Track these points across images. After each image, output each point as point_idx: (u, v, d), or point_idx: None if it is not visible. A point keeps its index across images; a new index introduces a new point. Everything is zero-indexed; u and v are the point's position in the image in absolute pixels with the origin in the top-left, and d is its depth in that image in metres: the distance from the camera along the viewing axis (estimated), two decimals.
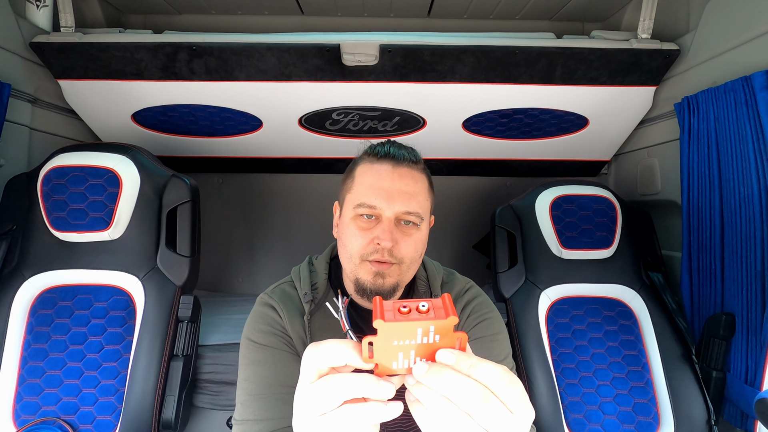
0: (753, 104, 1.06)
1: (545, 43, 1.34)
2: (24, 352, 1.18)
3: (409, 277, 0.78)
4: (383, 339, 0.39)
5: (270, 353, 0.78)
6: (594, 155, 1.84)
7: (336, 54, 1.31)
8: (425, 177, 0.78)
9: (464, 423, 0.37)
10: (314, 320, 0.80)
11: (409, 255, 0.74)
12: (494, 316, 0.85)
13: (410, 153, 0.78)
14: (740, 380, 1.11)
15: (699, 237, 1.26)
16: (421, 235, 0.75)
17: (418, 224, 0.74)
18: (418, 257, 0.76)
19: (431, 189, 0.79)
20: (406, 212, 0.73)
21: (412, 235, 0.74)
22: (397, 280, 0.75)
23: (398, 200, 0.72)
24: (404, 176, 0.74)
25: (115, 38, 1.34)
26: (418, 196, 0.74)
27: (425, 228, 0.76)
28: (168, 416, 1.16)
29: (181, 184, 1.33)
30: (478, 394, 0.37)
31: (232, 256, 2.06)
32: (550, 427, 1.18)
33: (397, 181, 0.73)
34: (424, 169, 0.79)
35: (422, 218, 0.74)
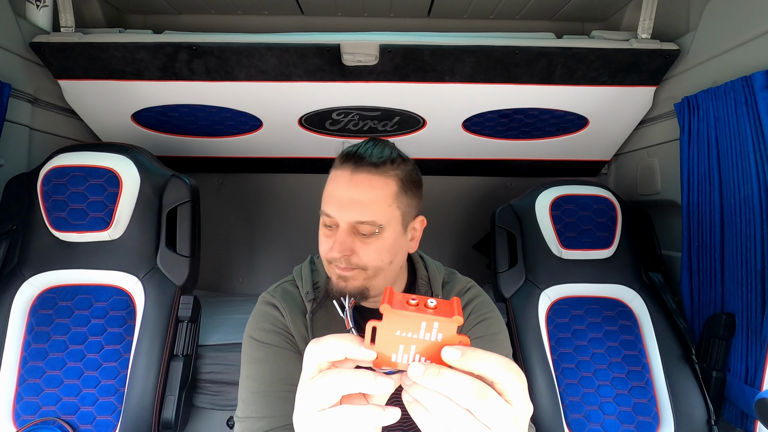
0: (753, 104, 1.06)
1: (545, 43, 1.34)
2: (24, 352, 1.18)
3: (384, 281, 0.77)
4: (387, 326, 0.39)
5: (272, 351, 0.78)
6: (594, 155, 1.84)
7: (336, 54, 1.31)
8: (391, 181, 0.73)
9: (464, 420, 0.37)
10: (316, 319, 0.80)
11: (371, 262, 0.72)
12: (495, 315, 0.85)
13: (376, 156, 0.73)
14: (740, 380, 1.11)
15: (699, 237, 1.26)
16: (383, 242, 0.72)
17: (376, 232, 0.72)
18: (385, 263, 0.74)
19: (404, 192, 0.74)
20: (359, 222, 0.71)
21: (371, 243, 0.72)
22: (363, 284, 0.74)
23: (350, 210, 0.71)
24: (360, 183, 0.71)
25: (115, 38, 1.34)
26: (375, 204, 0.71)
27: (391, 234, 0.73)
28: (168, 416, 1.16)
29: (181, 184, 1.33)
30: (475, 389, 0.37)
31: (232, 256, 2.06)
32: (550, 427, 1.18)
33: (352, 189, 0.71)
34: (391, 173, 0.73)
35: (380, 226, 0.71)
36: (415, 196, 0.77)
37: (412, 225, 0.78)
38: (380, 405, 0.40)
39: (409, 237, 0.78)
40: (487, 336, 0.82)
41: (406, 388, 0.40)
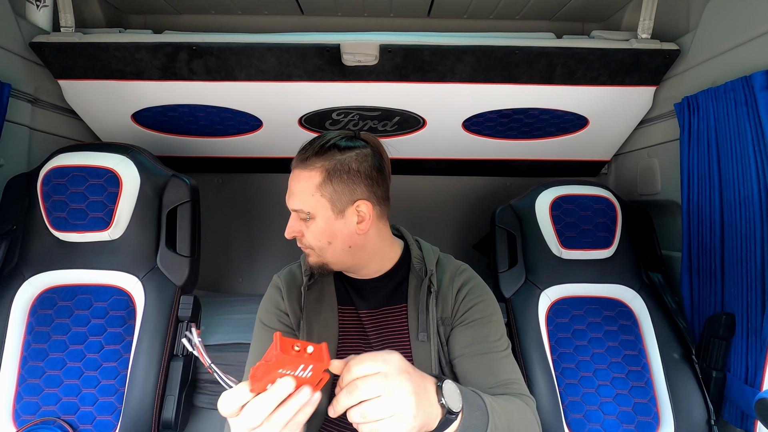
0: (753, 104, 1.06)
1: (545, 43, 1.34)
2: (24, 352, 1.18)
3: (338, 259, 0.86)
4: (274, 365, 0.51)
5: (269, 333, 0.90)
6: (594, 155, 1.85)
7: (336, 54, 1.31)
8: (315, 173, 0.82)
9: (367, 406, 0.53)
10: (310, 293, 0.91)
11: (312, 243, 0.85)
12: (489, 298, 0.90)
13: (306, 152, 0.83)
14: (740, 380, 1.11)
15: (699, 237, 1.26)
16: (316, 226, 0.83)
17: (309, 217, 0.83)
18: (324, 244, 0.84)
19: (330, 180, 0.81)
20: (293, 210, 0.85)
21: (309, 227, 0.84)
22: (318, 260, 0.87)
23: (289, 200, 0.85)
24: (293, 178, 0.85)
25: (115, 38, 1.34)
26: (300, 195, 0.83)
27: (322, 219, 0.83)
28: (168, 416, 1.16)
29: (181, 184, 1.33)
30: (359, 413, 0.53)
31: (232, 256, 2.06)
32: (550, 427, 1.18)
33: (291, 183, 0.85)
34: (317, 165, 0.82)
35: (308, 213, 0.82)
36: (348, 182, 0.82)
37: (354, 208, 0.83)
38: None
39: (355, 220, 0.84)
40: (484, 318, 0.87)
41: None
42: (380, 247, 0.90)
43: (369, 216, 0.84)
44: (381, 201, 0.87)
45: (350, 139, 0.86)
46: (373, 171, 0.84)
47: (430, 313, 0.87)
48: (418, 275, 0.91)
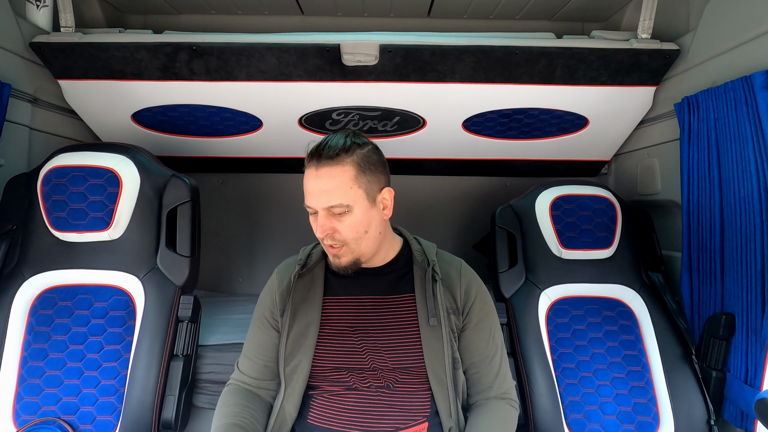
0: (753, 104, 1.06)
1: (545, 43, 1.34)
2: (24, 352, 1.18)
3: (369, 248, 0.93)
4: None
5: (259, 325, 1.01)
6: (594, 155, 1.85)
7: (336, 54, 1.31)
8: (348, 167, 0.87)
9: None
10: (300, 282, 0.98)
11: (349, 235, 0.89)
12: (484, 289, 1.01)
13: (332, 150, 0.87)
14: (740, 380, 1.11)
15: (699, 237, 1.26)
16: (354, 218, 0.88)
17: (346, 210, 0.87)
18: (361, 234, 0.90)
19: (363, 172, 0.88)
20: (330, 206, 0.87)
21: (345, 220, 0.88)
22: (352, 258, 0.92)
23: (321, 198, 0.87)
24: (323, 176, 0.86)
25: (115, 38, 1.34)
26: (338, 190, 0.86)
27: (360, 209, 0.88)
28: (168, 416, 1.16)
29: (181, 184, 1.33)
30: None
31: (232, 256, 2.06)
32: (550, 427, 1.18)
33: (319, 181, 0.87)
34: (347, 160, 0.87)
35: (348, 205, 0.87)
36: (375, 172, 0.90)
37: (381, 196, 0.92)
38: None
39: (381, 207, 0.93)
40: (486, 309, 0.99)
41: None
42: (389, 233, 1.00)
43: (391, 201, 0.94)
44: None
45: (358, 136, 0.92)
46: (385, 161, 0.94)
47: (438, 299, 0.94)
48: (421, 266, 0.98)
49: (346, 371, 0.92)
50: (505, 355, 1.00)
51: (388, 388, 0.91)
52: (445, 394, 0.91)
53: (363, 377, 0.92)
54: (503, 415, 0.93)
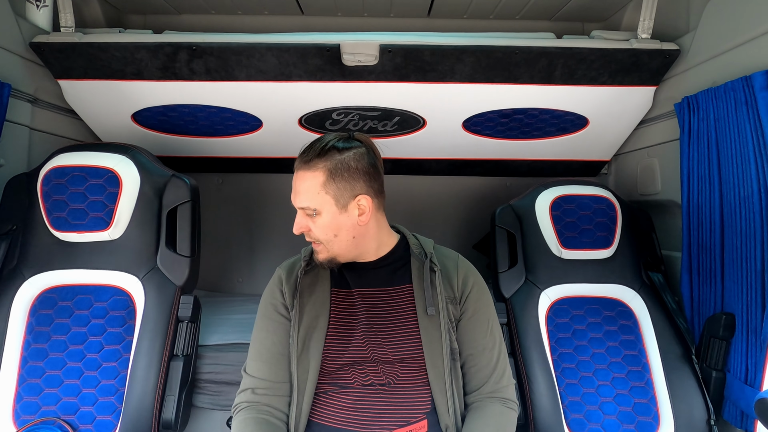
0: (753, 104, 1.06)
1: (545, 43, 1.34)
2: (24, 352, 1.18)
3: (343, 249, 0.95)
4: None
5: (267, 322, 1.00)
6: (594, 155, 1.85)
7: (336, 54, 1.31)
8: (318, 173, 0.90)
9: None
10: (306, 278, 1.01)
11: (320, 236, 0.94)
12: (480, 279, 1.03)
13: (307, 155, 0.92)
14: (740, 380, 1.11)
15: (699, 237, 1.26)
16: (322, 221, 0.92)
17: (315, 213, 0.92)
18: (330, 237, 0.93)
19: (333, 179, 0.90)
20: (301, 207, 0.94)
21: (316, 222, 0.93)
22: (327, 255, 0.95)
23: (295, 199, 0.94)
24: (297, 179, 0.93)
25: (115, 38, 1.34)
26: (306, 193, 0.91)
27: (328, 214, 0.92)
28: (168, 416, 1.16)
29: (181, 184, 1.33)
30: None
31: (232, 256, 2.06)
32: (550, 427, 1.18)
33: (296, 183, 0.93)
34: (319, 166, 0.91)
35: (314, 209, 0.92)
36: (349, 180, 0.91)
37: (355, 202, 0.93)
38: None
39: (357, 213, 0.93)
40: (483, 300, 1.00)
41: None
42: (379, 234, 1.00)
43: (369, 208, 0.94)
44: (378, 194, 0.96)
45: (347, 140, 0.94)
46: (369, 167, 0.93)
47: (436, 289, 0.96)
48: (419, 258, 1.01)
49: (348, 367, 0.93)
50: (504, 353, 0.99)
51: (389, 385, 0.92)
52: (442, 387, 0.92)
53: (364, 373, 0.93)
54: (500, 419, 0.92)
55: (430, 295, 0.95)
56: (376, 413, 0.90)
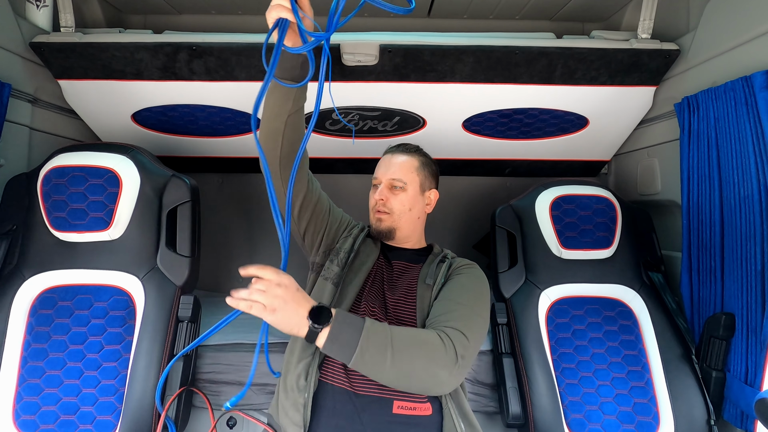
0: (753, 104, 1.06)
1: (545, 43, 1.34)
2: (24, 352, 1.18)
3: (405, 226, 1.15)
4: None
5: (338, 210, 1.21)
6: (594, 155, 1.85)
7: (336, 54, 1.31)
8: (414, 159, 1.16)
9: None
10: (364, 241, 1.17)
11: (396, 207, 1.13)
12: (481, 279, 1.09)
13: (408, 146, 1.19)
14: (740, 380, 1.11)
15: (699, 237, 1.26)
16: (406, 195, 1.14)
17: (402, 187, 1.13)
18: (406, 210, 1.14)
19: (423, 168, 1.17)
20: (392, 179, 1.14)
21: (398, 195, 1.14)
22: (390, 225, 1.14)
23: (387, 173, 1.14)
24: (395, 158, 1.16)
25: (115, 38, 1.34)
26: (403, 169, 1.14)
27: (411, 191, 1.14)
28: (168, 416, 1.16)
29: (181, 184, 1.33)
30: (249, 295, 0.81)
31: (232, 256, 2.06)
32: (550, 427, 1.18)
33: (391, 162, 1.16)
34: (415, 156, 1.17)
35: (404, 183, 1.13)
36: (430, 175, 1.19)
37: (428, 194, 1.19)
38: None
39: (425, 202, 1.18)
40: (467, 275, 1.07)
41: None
42: (423, 230, 1.23)
43: (434, 202, 1.21)
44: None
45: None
46: (438, 174, 1.24)
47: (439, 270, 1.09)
48: (435, 255, 1.16)
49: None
50: (469, 314, 0.96)
51: None
52: None
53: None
54: (421, 332, 0.90)
55: (433, 272, 1.08)
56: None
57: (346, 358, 0.82)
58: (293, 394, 0.94)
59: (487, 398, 1.32)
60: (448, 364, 0.85)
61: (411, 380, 0.86)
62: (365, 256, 1.13)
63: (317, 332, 0.82)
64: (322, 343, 0.82)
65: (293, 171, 0.89)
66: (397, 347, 0.83)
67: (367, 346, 0.82)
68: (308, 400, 0.92)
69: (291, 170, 0.94)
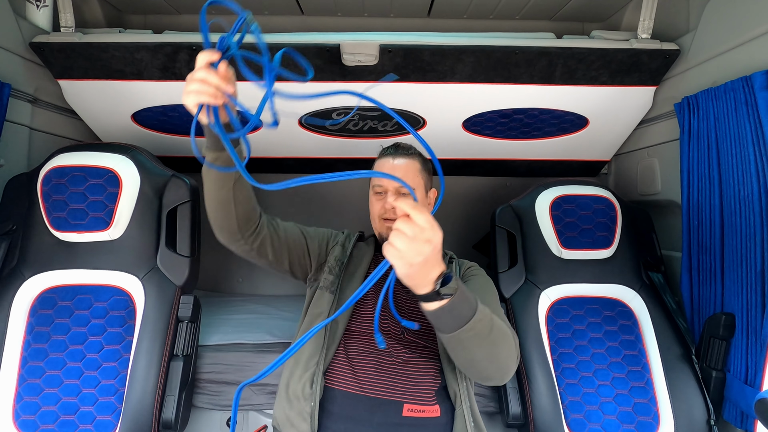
0: (753, 104, 1.06)
1: (545, 43, 1.34)
2: (24, 352, 1.18)
3: None
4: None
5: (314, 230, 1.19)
6: (594, 155, 1.85)
7: (336, 54, 1.31)
8: (416, 162, 1.12)
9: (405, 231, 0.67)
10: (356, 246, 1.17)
11: None
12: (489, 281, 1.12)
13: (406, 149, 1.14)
14: (740, 380, 1.11)
15: (699, 237, 1.26)
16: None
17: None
18: None
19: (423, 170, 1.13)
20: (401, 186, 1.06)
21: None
22: None
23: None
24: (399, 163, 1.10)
25: (115, 38, 1.34)
26: (408, 174, 1.09)
27: (419, 194, 1.11)
28: (168, 416, 1.16)
29: (181, 184, 1.33)
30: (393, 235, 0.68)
31: (232, 256, 2.05)
32: (550, 427, 1.18)
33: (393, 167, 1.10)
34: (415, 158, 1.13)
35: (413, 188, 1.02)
36: (429, 175, 1.15)
37: (429, 194, 1.16)
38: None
39: (428, 202, 1.16)
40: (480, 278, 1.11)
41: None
42: None
43: (433, 201, 1.17)
44: None
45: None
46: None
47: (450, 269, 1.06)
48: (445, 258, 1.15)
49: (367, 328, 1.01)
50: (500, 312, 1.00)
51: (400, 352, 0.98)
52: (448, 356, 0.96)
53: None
54: (506, 327, 0.90)
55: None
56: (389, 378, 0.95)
57: (450, 328, 0.77)
58: (298, 403, 0.94)
59: (487, 398, 1.32)
60: (516, 359, 0.89)
61: (491, 365, 0.85)
62: (359, 259, 1.13)
63: (436, 299, 0.75)
64: (434, 307, 0.75)
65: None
66: (495, 333, 0.82)
67: (474, 326, 0.78)
68: (315, 408, 0.91)
69: (252, 230, 1.01)
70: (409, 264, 0.68)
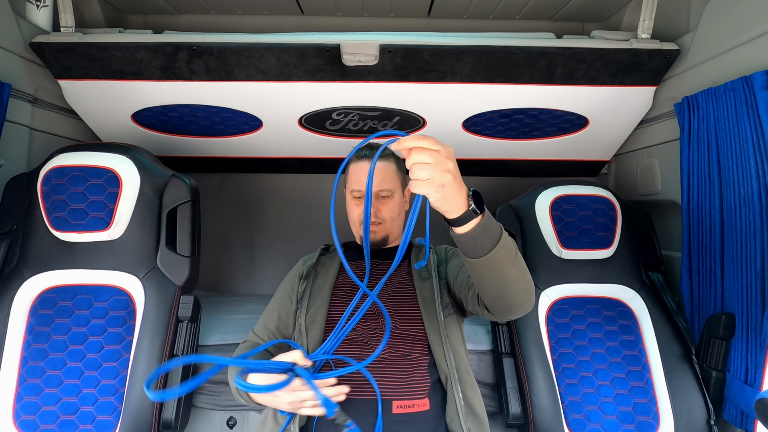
0: (753, 104, 1.06)
1: (545, 43, 1.34)
2: (24, 352, 1.18)
3: (395, 230, 1.17)
4: None
5: (279, 297, 1.15)
6: (594, 155, 1.85)
7: (336, 54, 1.31)
8: (392, 163, 1.14)
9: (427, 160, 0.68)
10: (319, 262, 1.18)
11: (387, 216, 1.13)
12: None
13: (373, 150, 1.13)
14: (740, 380, 1.11)
15: (699, 237, 1.26)
16: (394, 202, 1.14)
17: (390, 195, 1.12)
18: (396, 215, 1.15)
19: (399, 170, 1.16)
20: (380, 190, 1.11)
21: (388, 203, 1.13)
22: (384, 234, 1.15)
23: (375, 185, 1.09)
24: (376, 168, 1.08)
25: (115, 38, 1.34)
26: (387, 177, 1.11)
27: (397, 196, 1.14)
28: (168, 416, 1.16)
29: (181, 184, 1.33)
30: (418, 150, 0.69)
31: (232, 256, 2.06)
32: (550, 427, 1.18)
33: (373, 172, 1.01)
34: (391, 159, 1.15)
35: (392, 190, 1.12)
36: (404, 175, 1.17)
37: (406, 192, 1.18)
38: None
39: (405, 200, 1.19)
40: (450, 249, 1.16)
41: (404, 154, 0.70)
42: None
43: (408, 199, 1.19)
44: None
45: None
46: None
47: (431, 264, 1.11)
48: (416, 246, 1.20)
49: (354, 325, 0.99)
50: None
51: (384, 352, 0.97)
52: (438, 339, 0.99)
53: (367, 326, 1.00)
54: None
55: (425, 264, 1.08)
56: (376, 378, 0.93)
57: (488, 247, 0.76)
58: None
59: (487, 398, 1.32)
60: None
61: (524, 286, 0.86)
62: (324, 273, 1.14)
63: (473, 217, 0.75)
64: (471, 227, 0.75)
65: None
66: (518, 253, 0.84)
67: (505, 243, 0.79)
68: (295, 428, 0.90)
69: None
70: (440, 186, 0.69)
